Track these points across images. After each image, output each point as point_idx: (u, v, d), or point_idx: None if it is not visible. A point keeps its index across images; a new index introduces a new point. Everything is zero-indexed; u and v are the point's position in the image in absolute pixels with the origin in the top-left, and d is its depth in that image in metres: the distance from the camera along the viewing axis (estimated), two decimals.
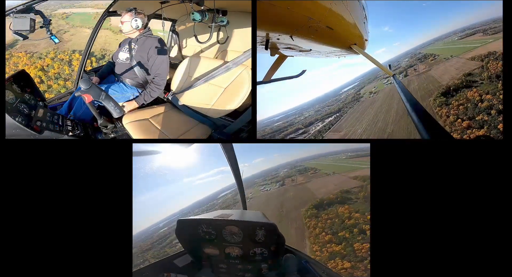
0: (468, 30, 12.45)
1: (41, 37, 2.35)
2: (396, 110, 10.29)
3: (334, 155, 15.19)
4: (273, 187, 14.23)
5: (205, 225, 1.80)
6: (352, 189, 10.08)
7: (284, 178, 14.37)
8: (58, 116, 2.46)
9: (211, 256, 1.85)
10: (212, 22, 3.21)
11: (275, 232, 1.72)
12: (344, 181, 11.14)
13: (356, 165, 12.72)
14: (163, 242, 11.39)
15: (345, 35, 3.26)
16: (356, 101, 14.58)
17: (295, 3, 2.33)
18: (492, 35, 10.60)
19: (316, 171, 13.78)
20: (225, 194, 16.40)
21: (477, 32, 11.61)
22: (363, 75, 16.99)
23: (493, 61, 8.10)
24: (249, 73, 2.53)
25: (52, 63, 14.55)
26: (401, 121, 8.92)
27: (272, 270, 1.81)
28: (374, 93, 14.14)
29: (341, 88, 17.04)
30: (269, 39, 2.90)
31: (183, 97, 2.89)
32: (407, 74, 12.61)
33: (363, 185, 10.07)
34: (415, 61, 12.97)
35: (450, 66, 9.97)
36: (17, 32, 2.06)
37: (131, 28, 2.80)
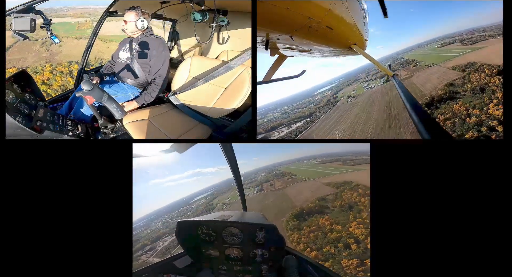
0: (446, 38, 12.30)
1: (41, 37, 2.35)
2: (376, 120, 9.54)
3: (306, 160, 14.75)
4: (252, 192, 13.52)
5: (205, 226, 1.80)
6: (327, 197, 9.86)
7: (262, 183, 13.80)
8: (58, 116, 2.46)
9: (211, 257, 1.85)
10: (213, 22, 3.21)
11: (275, 233, 1.72)
12: (319, 188, 10.87)
13: (327, 171, 12.45)
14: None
15: (345, 35, 3.26)
16: (331, 105, 13.28)
17: (295, 3, 2.33)
18: (469, 45, 10.58)
19: (292, 176, 13.39)
20: (199, 199, 15.39)
21: (455, 42, 11.55)
22: (343, 76, 15.72)
23: (475, 72, 8.00)
24: (249, 73, 2.53)
25: (53, 77, 14.24)
26: (382, 134, 8.30)
27: (272, 271, 1.81)
28: (352, 97, 13.14)
29: (317, 88, 15.70)
30: (269, 39, 2.90)
31: (183, 97, 2.89)
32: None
33: (336, 192, 9.90)
34: (397, 66, 12.35)
35: (432, 74, 9.79)
36: (17, 32, 2.06)
37: (135, 28, 2.77)
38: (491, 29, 11.20)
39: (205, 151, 13.68)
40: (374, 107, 10.59)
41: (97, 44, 3.42)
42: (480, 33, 11.22)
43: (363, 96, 12.57)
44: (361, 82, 14.05)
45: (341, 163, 13.48)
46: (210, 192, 16.10)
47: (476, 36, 11.01)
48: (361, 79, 14.38)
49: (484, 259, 1.90)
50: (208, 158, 21.46)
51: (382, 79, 12.38)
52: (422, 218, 1.95)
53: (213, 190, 16.27)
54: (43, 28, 2.27)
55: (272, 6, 2.23)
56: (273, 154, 16.39)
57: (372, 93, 12.31)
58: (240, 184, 3.01)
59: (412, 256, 1.94)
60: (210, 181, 15.39)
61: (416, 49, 13.44)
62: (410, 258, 1.94)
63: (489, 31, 11.00)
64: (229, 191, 14.72)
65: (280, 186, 12.75)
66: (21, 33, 2.06)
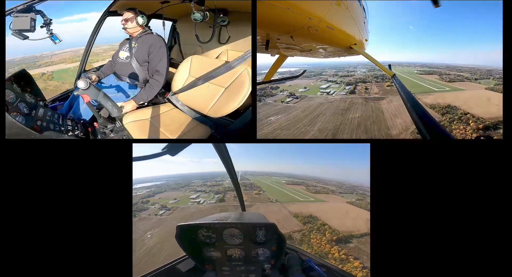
0: (426, 67, 11.38)
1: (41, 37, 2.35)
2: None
3: (276, 177, 13.88)
4: (209, 199, 11.50)
5: (205, 229, 1.80)
6: (293, 234, 8.53)
7: (226, 191, 12.03)
8: (58, 116, 2.46)
9: (213, 259, 1.86)
10: (213, 22, 3.21)
11: (275, 232, 1.73)
12: (286, 219, 9.51)
13: (293, 195, 11.46)
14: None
15: (345, 35, 3.26)
16: (261, 97, 9.65)
17: (295, 3, 2.33)
18: (447, 83, 9.79)
19: (261, 192, 12.04)
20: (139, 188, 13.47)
21: (434, 73, 10.79)
22: (312, 64, 12.35)
23: (458, 121, 6.90)
24: (249, 73, 2.54)
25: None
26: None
27: (275, 269, 1.81)
28: (295, 97, 9.72)
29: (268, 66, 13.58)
30: (269, 39, 2.90)
31: (184, 97, 2.89)
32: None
33: (303, 230, 8.76)
34: (370, 78, 10.82)
35: (403, 106, 8.55)
36: (17, 32, 2.06)
37: (136, 25, 2.82)
38: (466, 70, 10.66)
39: (205, 151, 13.02)
40: (312, 127, 8.01)
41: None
42: (457, 72, 10.65)
43: (310, 102, 9.93)
44: (322, 81, 11.65)
45: (304, 187, 12.90)
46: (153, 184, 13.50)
47: (453, 74, 10.45)
48: (326, 75, 11.94)
49: (484, 259, 1.90)
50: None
51: (348, 88, 10.29)
52: (422, 218, 1.95)
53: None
54: (43, 27, 2.28)
55: (272, 6, 2.23)
56: (244, 161, 15.52)
57: (325, 102, 9.75)
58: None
59: (412, 256, 1.94)
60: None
61: (395, 66, 12.18)
62: (410, 258, 1.94)
63: (465, 72, 10.47)
64: (180, 188, 12.18)
65: (245, 201, 11.33)
66: (20, 33, 2.06)
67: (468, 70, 10.56)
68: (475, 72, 9.66)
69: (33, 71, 10.39)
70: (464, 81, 9.96)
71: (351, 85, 10.71)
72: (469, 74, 10.15)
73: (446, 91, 9.35)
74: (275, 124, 8.39)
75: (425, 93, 9.37)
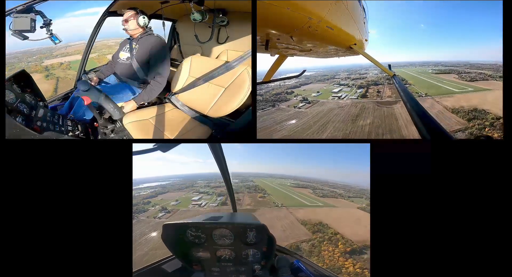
0: (441, 66, 10.33)
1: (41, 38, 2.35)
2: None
3: (281, 179, 13.18)
4: (212, 202, 11.20)
5: (194, 228, 1.77)
6: (301, 244, 7.80)
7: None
8: (58, 116, 2.46)
9: (202, 259, 1.83)
10: (213, 22, 3.21)
11: (265, 233, 1.72)
12: (293, 226, 8.73)
13: (299, 199, 10.90)
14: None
15: (345, 35, 3.26)
16: (273, 102, 9.46)
17: (295, 3, 2.33)
18: (469, 82, 8.79)
19: (265, 195, 11.53)
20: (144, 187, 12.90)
21: (452, 72, 9.80)
22: (325, 67, 12.10)
23: (490, 128, 5.64)
24: (249, 73, 2.54)
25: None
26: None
27: (265, 270, 1.81)
28: (307, 102, 9.34)
29: (287, 71, 13.22)
30: (269, 39, 2.90)
31: (183, 97, 2.89)
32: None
33: (311, 239, 8.03)
34: (382, 80, 10.04)
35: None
36: (17, 32, 2.06)
37: (137, 25, 2.80)
38: (488, 67, 9.57)
39: (209, 151, 12.85)
40: (321, 135, 7.39)
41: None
42: (478, 70, 9.60)
43: (321, 107, 9.54)
44: (334, 84, 11.31)
45: (310, 190, 12.32)
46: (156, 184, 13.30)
47: (474, 72, 9.42)
48: (338, 79, 11.62)
49: (485, 259, 1.91)
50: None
51: (360, 91, 9.80)
52: (422, 219, 1.95)
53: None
54: (43, 28, 2.28)
55: (272, 6, 2.23)
56: (250, 164, 15.10)
57: (335, 108, 9.27)
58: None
59: (412, 257, 1.94)
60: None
61: (408, 66, 11.47)
62: (410, 258, 1.94)
63: (487, 70, 9.46)
64: (183, 189, 11.96)
65: (248, 205, 10.79)
66: (20, 34, 2.07)
67: (490, 67, 9.47)
68: (497, 69, 8.37)
69: (51, 60, 10.59)
70: (488, 79, 8.88)
71: (363, 88, 10.28)
72: (491, 72, 9.02)
73: (469, 92, 8.28)
74: (301, 120, 8.11)
75: (443, 95, 8.31)
